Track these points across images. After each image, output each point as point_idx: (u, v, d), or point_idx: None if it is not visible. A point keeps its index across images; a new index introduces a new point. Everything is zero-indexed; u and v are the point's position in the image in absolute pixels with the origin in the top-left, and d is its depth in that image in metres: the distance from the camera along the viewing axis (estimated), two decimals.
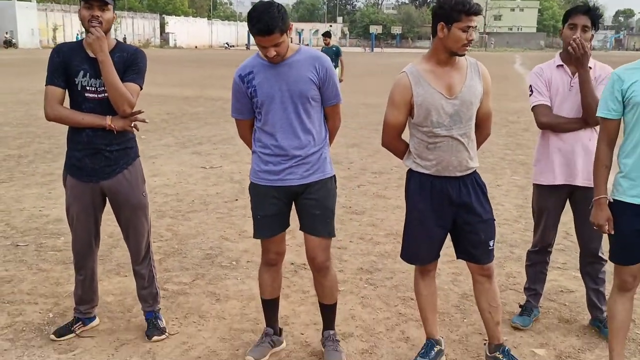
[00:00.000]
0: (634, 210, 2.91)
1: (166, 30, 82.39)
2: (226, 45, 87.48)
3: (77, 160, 3.41)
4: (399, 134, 3.24)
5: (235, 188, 7.37)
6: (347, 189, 7.27)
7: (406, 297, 4.26)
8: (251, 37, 3.35)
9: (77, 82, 3.34)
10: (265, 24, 2.95)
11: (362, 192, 7.24)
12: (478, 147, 3.27)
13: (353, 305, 4.13)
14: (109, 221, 4.19)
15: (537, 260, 3.94)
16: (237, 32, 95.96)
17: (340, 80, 12.89)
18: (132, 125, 3.40)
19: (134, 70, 3.37)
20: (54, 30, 62.63)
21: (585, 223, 3.44)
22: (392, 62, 42.65)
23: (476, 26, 3.02)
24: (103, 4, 3.23)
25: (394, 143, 3.29)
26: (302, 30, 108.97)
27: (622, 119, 2.97)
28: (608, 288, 3.50)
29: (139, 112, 3.40)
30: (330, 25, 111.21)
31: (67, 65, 3.34)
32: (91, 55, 3.31)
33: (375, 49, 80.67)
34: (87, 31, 3.25)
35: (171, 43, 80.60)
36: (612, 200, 3.00)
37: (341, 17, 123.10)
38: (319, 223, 3.30)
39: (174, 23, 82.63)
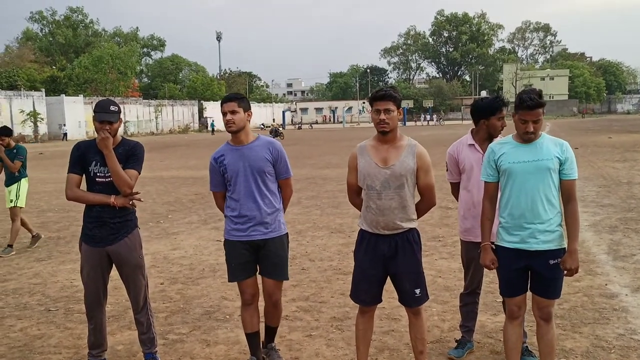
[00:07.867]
0: (511, 253, 3.69)
1: (204, 115, 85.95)
2: (262, 126, 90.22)
3: (89, 230, 4.38)
4: (356, 192, 4.12)
5: None
6: (341, 254, 8.08)
7: None
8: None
9: (90, 170, 4.36)
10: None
11: None
12: (421, 214, 4.05)
13: (319, 346, 4.91)
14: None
15: (469, 301, 4.68)
16: (272, 113, 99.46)
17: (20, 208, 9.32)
18: (131, 202, 4.38)
19: (133, 159, 4.38)
20: None
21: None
22: (418, 135, 43.74)
23: (386, 109, 3.88)
24: (109, 123, 4.28)
25: (353, 198, 4.19)
26: (336, 107, 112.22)
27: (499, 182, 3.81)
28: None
29: (137, 192, 4.38)
30: (364, 102, 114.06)
31: (84, 157, 4.38)
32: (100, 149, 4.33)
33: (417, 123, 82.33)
34: (98, 133, 4.29)
35: (209, 127, 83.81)
36: (494, 247, 3.79)
37: None
38: (276, 269, 4.24)
39: (211, 108, 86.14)
